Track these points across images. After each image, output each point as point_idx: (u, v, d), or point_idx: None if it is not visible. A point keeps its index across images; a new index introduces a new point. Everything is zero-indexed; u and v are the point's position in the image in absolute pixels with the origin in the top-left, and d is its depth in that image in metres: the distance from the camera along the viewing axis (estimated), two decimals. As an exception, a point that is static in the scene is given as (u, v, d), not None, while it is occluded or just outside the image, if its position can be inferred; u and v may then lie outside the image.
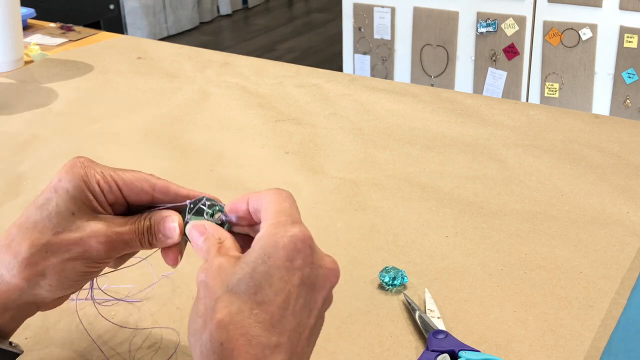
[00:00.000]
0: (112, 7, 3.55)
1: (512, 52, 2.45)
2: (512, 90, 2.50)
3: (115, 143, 0.95)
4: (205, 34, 4.44)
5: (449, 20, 2.54)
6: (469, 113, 1.02)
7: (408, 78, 2.69)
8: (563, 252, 0.69)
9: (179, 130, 0.98)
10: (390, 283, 0.63)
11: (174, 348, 0.57)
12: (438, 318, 0.59)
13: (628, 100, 2.30)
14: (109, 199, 0.49)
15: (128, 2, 4.04)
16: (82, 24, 1.56)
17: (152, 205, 0.51)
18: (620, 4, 2.23)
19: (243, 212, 0.48)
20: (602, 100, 2.36)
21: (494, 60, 2.50)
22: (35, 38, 1.39)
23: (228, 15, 4.81)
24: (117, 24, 3.62)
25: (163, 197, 0.50)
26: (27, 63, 1.26)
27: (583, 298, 0.62)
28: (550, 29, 2.36)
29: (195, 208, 0.49)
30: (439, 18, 2.55)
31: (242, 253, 0.45)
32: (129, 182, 0.49)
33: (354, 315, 0.60)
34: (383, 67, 2.74)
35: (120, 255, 0.51)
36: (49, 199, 0.47)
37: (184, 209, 0.50)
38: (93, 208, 0.48)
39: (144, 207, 0.51)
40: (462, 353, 0.54)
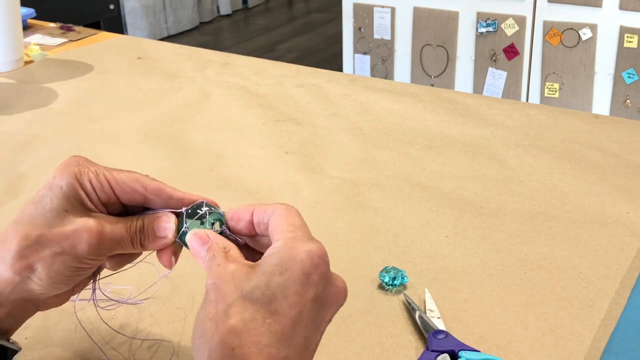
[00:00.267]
0: (112, 7, 3.55)
1: (512, 52, 2.45)
2: (512, 90, 2.50)
3: (115, 143, 0.95)
4: (205, 34, 4.44)
5: (449, 20, 2.54)
6: (469, 113, 1.02)
7: (408, 78, 2.69)
8: (563, 252, 0.69)
9: (179, 130, 0.98)
10: (390, 283, 0.63)
11: (174, 348, 0.57)
12: (438, 318, 0.59)
13: (628, 100, 2.30)
14: (102, 198, 0.49)
15: (128, 2, 4.04)
16: (82, 24, 1.56)
17: (148, 208, 0.51)
18: (620, 4, 2.23)
19: (246, 222, 0.48)
20: (602, 100, 2.36)
21: (494, 60, 2.50)
22: (35, 38, 1.39)
23: (228, 15, 4.81)
24: (117, 24, 3.62)
25: (156, 198, 0.50)
26: (27, 63, 1.26)
27: (583, 298, 0.62)
28: (550, 29, 2.36)
29: (198, 215, 0.49)
30: (439, 18, 2.55)
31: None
32: (122, 181, 0.50)
33: (354, 315, 0.60)
34: (383, 67, 2.74)
35: (116, 258, 0.51)
36: (44, 196, 0.48)
37: (182, 214, 0.49)
38: (85, 206, 0.49)
39: (140, 209, 0.51)
40: (462, 353, 0.54)
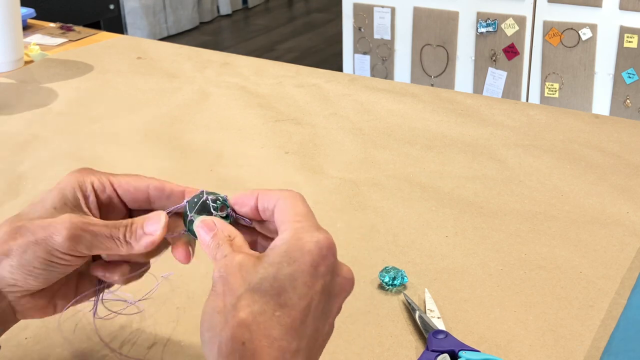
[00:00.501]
0: (112, 7, 3.55)
1: (512, 52, 2.45)
2: (512, 90, 2.50)
3: (115, 143, 0.95)
4: (205, 34, 4.44)
5: (449, 20, 2.54)
6: (469, 113, 1.02)
7: (408, 78, 2.69)
8: (563, 252, 0.69)
9: (179, 130, 0.98)
10: (390, 283, 0.63)
11: (174, 348, 0.57)
12: (438, 318, 0.59)
13: (628, 100, 2.30)
14: (102, 199, 0.49)
15: (128, 2, 4.04)
16: (82, 24, 1.56)
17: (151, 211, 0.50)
18: (620, 4, 2.23)
19: (250, 207, 0.47)
20: (602, 100, 2.36)
21: (494, 60, 2.50)
22: (35, 38, 1.39)
23: (228, 15, 4.81)
24: (117, 24, 3.62)
25: (159, 194, 0.50)
26: (27, 63, 1.26)
27: (583, 298, 0.62)
28: (550, 29, 2.36)
29: (199, 204, 0.48)
30: (439, 18, 2.55)
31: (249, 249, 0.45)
32: (124, 182, 0.50)
33: (354, 315, 0.60)
34: (383, 67, 2.74)
35: (122, 269, 0.50)
36: (42, 198, 0.48)
37: (186, 209, 0.49)
38: (79, 207, 0.48)
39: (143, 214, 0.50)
40: (462, 353, 0.54)
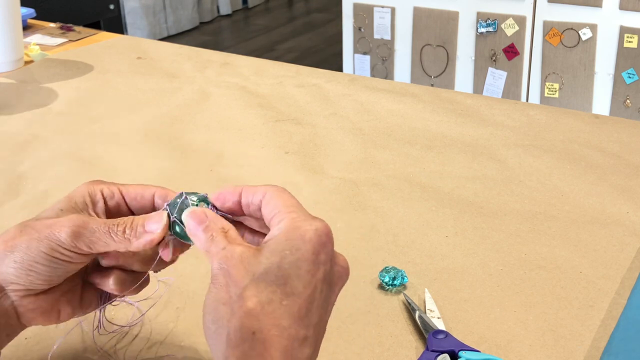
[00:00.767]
0: (112, 7, 3.55)
1: (512, 52, 2.45)
2: (512, 90, 2.50)
3: (115, 143, 0.95)
4: (205, 34, 4.44)
5: (449, 20, 2.54)
6: (469, 113, 1.02)
7: (408, 78, 2.69)
8: (563, 252, 0.69)
9: (179, 130, 0.98)
10: (390, 283, 0.63)
11: (174, 348, 0.57)
12: (438, 318, 0.59)
13: (628, 100, 2.30)
14: (110, 206, 0.50)
15: (128, 2, 4.04)
16: (82, 24, 1.56)
17: None
18: (620, 4, 2.23)
19: (233, 202, 0.47)
20: (602, 100, 2.36)
21: (494, 60, 2.50)
22: (35, 38, 1.39)
23: (228, 15, 4.81)
24: (117, 24, 3.62)
25: (162, 202, 0.50)
26: (27, 63, 1.26)
27: (583, 298, 0.62)
28: (550, 29, 2.36)
29: (179, 205, 0.48)
30: (439, 18, 2.55)
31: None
32: (132, 190, 0.51)
33: (354, 315, 0.60)
34: (383, 67, 2.74)
35: (120, 276, 0.50)
36: (52, 204, 0.49)
37: (168, 212, 0.48)
38: (86, 211, 0.49)
39: None
40: (462, 353, 0.54)
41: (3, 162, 0.90)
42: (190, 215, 0.46)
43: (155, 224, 0.47)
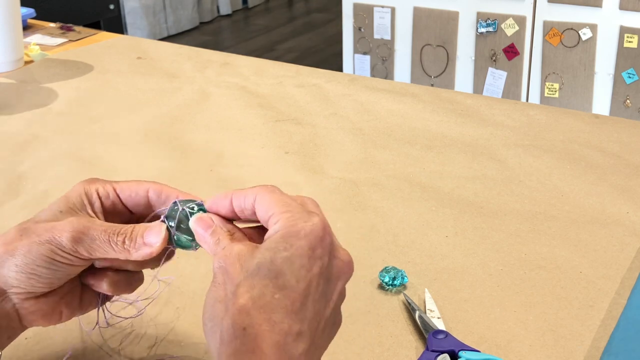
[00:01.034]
0: (112, 7, 3.55)
1: (512, 52, 2.45)
2: (512, 90, 2.50)
3: (115, 143, 0.95)
4: (205, 34, 4.44)
5: (449, 20, 2.54)
6: (469, 113, 1.02)
7: (408, 78, 2.69)
8: (563, 252, 0.69)
9: (179, 130, 0.98)
10: (390, 283, 0.63)
11: (175, 348, 0.57)
12: (438, 318, 0.59)
13: (628, 100, 2.30)
14: (106, 205, 0.50)
15: (128, 2, 4.04)
16: (82, 24, 1.56)
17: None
18: (620, 4, 2.23)
19: (225, 209, 0.47)
20: (602, 100, 2.37)
21: (494, 60, 2.50)
22: (35, 38, 1.39)
23: (228, 15, 4.81)
24: (117, 24, 3.62)
25: (157, 198, 0.51)
26: (27, 63, 1.26)
27: (583, 298, 0.62)
28: (550, 29, 2.36)
29: (177, 216, 0.48)
30: (439, 18, 2.55)
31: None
32: (127, 187, 0.51)
33: (354, 315, 0.60)
34: (383, 67, 2.74)
35: (114, 278, 0.50)
36: (50, 204, 0.49)
37: (167, 225, 0.48)
38: (84, 211, 0.49)
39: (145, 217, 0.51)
40: (462, 353, 0.54)
41: (3, 162, 0.90)
42: (198, 222, 0.47)
43: (155, 237, 0.48)
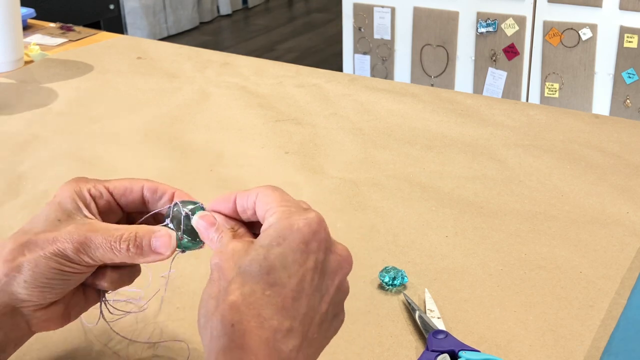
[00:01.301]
0: (112, 7, 3.55)
1: (512, 52, 2.45)
2: (512, 90, 2.50)
3: (115, 143, 0.95)
4: (205, 34, 4.44)
5: (449, 20, 2.54)
6: (469, 113, 1.02)
7: (408, 78, 2.69)
8: (563, 252, 0.69)
9: (179, 130, 0.98)
10: (390, 283, 0.63)
11: (175, 348, 0.57)
12: (438, 318, 0.59)
13: (628, 100, 2.30)
14: (100, 205, 0.50)
15: (128, 2, 4.04)
16: (82, 24, 1.56)
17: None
18: (620, 4, 2.23)
19: (228, 210, 0.47)
20: (602, 100, 2.36)
21: (494, 60, 2.50)
22: (35, 38, 1.39)
23: (228, 15, 4.81)
24: (117, 24, 3.62)
25: (152, 195, 0.51)
26: (27, 63, 1.26)
27: (583, 298, 0.62)
28: (550, 29, 2.36)
29: (183, 219, 0.48)
30: (439, 18, 2.55)
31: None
32: (120, 185, 0.51)
33: (354, 315, 0.60)
34: (383, 67, 2.74)
35: (113, 275, 0.50)
36: (42, 211, 0.49)
37: (167, 224, 0.49)
38: (81, 215, 0.49)
39: (140, 216, 0.51)
40: (462, 353, 0.54)
41: (3, 162, 0.90)
42: (201, 219, 0.47)
43: (164, 247, 0.48)
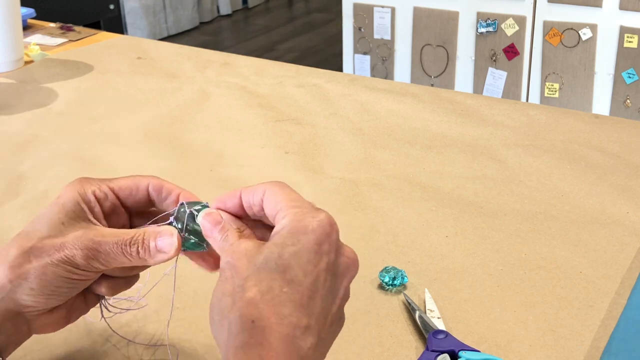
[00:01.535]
0: (112, 7, 3.55)
1: (512, 52, 2.45)
2: (512, 90, 2.50)
3: (115, 143, 0.95)
4: (205, 34, 4.44)
5: (449, 20, 2.54)
6: (469, 113, 1.02)
7: (408, 78, 2.69)
8: (563, 252, 0.69)
9: (179, 130, 0.98)
10: (390, 283, 0.63)
11: (174, 348, 0.57)
12: (438, 318, 0.59)
13: (628, 100, 2.30)
14: (105, 207, 0.50)
15: (128, 2, 4.04)
16: (82, 24, 1.56)
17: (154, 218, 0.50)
18: (620, 4, 2.23)
19: (234, 206, 0.47)
20: (602, 100, 2.36)
21: (494, 60, 2.50)
22: (35, 38, 1.39)
23: (228, 15, 4.81)
24: (117, 24, 3.62)
25: (158, 194, 0.50)
26: (27, 63, 1.26)
27: (583, 298, 0.62)
28: (550, 29, 2.36)
29: (187, 218, 0.48)
30: (439, 18, 2.55)
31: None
32: (124, 184, 0.51)
33: (354, 315, 0.60)
34: (383, 67, 2.74)
35: (111, 282, 0.50)
36: (44, 213, 0.48)
37: (174, 225, 0.48)
38: (87, 219, 0.48)
39: (146, 220, 0.51)
40: (462, 353, 0.54)
41: (3, 162, 0.90)
42: (206, 218, 0.47)
43: (168, 245, 0.47)
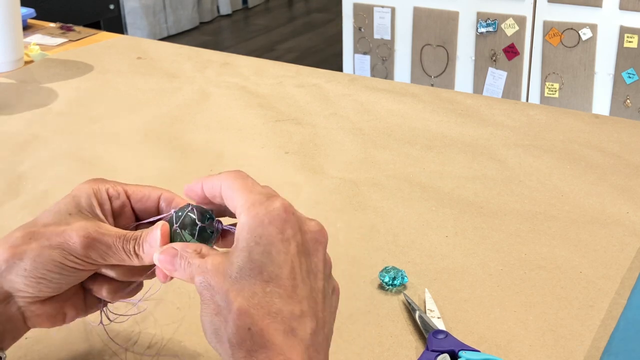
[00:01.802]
0: (112, 7, 3.55)
1: (512, 52, 2.45)
2: (512, 90, 2.50)
3: (115, 143, 0.95)
4: (205, 34, 4.44)
5: (449, 20, 2.54)
6: (469, 113, 1.02)
7: (408, 78, 2.69)
8: (563, 252, 0.69)
9: (179, 130, 0.98)
10: (390, 283, 0.63)
11: (175, 348, 0.57)
12: (438, 318, 0.59)
13: (628, 100, 2.30)
14: (115, 206, 0.50)
15: (128, 2, 4.04)
16: (82, 24, 1.56)
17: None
18: (620, 4, 2.23)
19: (199, 196, 0.48)
20: (602, 100, 2.37)
21: (494, 60, 2.50)
22: (35, 38, 1.39)
23: (228, 15, 4.81)
24: (117, 24, 3.62)
25: (167, 206, 0.51)
26: (27, 63, 1.26)
27: (583, 298, 0.62)
28: (550, 29, 2.36)
29: (182, 217, 0.47)
30: (439, 18, 2.55)
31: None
32: (138, 190, 0.51)
33: (354, 315, 0.60)
34: (383, 67, 2.74)
35: (113, 285, 0.50)
36: (56, 204, 0.49)
37: (171, 221, 0.48)
38: (94, 213, 0.49)
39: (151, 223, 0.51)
40: (462, 353, 0.54)
41: (3, 162, 0.90)
42: (162, 256, 0.46)
43: (153, 239, 0.47)
